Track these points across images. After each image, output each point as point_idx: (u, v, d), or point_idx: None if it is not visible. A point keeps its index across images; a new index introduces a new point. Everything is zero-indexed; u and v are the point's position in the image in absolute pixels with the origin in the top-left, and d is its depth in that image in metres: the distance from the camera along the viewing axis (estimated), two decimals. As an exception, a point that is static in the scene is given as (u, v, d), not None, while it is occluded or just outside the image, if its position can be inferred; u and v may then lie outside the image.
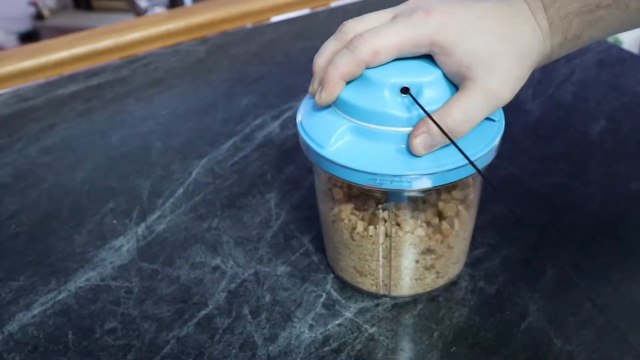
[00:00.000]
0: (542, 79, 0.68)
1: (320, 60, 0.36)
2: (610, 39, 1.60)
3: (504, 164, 0.54)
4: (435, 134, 0.33)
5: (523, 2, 0.35)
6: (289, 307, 0.42)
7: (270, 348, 0.39)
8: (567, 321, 0.40)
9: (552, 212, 0.50)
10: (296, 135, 0.62)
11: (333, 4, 0.99)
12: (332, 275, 0.45)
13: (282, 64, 0.77)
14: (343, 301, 0.43)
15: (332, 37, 0.37)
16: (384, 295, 0.43)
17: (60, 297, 0.44)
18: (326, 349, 0.39)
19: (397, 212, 0.38)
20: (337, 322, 0.41)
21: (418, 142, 0.34)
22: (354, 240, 0.40)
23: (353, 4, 0.95)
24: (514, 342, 0.39)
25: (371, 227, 0.39)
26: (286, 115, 0.65)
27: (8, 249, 0.49)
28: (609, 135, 0.59)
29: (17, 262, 0.48)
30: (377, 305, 0.42)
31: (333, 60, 0.35)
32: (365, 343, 0.40)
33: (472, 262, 0.45)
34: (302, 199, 0.53)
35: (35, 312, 0.43)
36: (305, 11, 0.98)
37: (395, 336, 0.40)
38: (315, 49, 0.37)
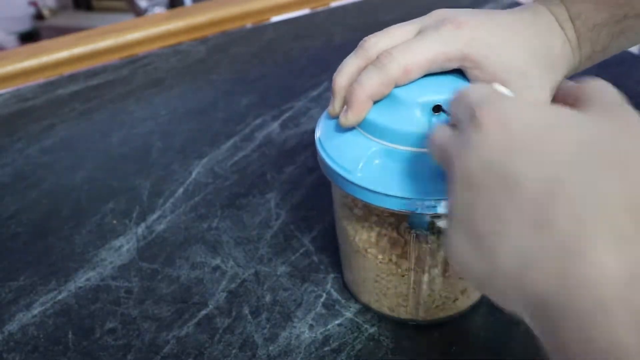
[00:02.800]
0: (542, 79, 0.68)
1: (341, 79, 0.34)
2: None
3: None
4: None
5: (549, 14, 0.34)
6: (289, 307, 0.42)
7: (270, 348, 0.39)
8: (567, 321, 0.40)
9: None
10: (296, 135, 0.63)
11: (333, 4, 0.99)
12: (332, 275, 0.45)
13: (282, 64, 0.77)
14: (343, 301, 0.43)
15: (352, 53, 0.35)
16: (412, 320, 0.41)
17: (60, 297, 0.44)
18: (326, 349, 0.39)
19: (428, 236, 0.36)
20: (337, 322, 0.41)
21: None
22: (379, 268, 0.38)
23: (353, 4, 0.95)
24: (514, 342, 0.39)
25: (398, 252, 0.37)
26: (286, 115, 0.65)
27: (8, 249, 0.49)
28: (609, 135, 0.58)
29: (17, 262, 0.48)
30: (377, 305, 0.42)
31: (359, 79, 0.33)
32: (365, 343, 0.39)
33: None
34: (302, 199, 0.53)
35: (35, 312, 0.43)
36: (305, 11, 0.98)
37: (396, 336, 0.40)
38: (316, 49, 0.37)
